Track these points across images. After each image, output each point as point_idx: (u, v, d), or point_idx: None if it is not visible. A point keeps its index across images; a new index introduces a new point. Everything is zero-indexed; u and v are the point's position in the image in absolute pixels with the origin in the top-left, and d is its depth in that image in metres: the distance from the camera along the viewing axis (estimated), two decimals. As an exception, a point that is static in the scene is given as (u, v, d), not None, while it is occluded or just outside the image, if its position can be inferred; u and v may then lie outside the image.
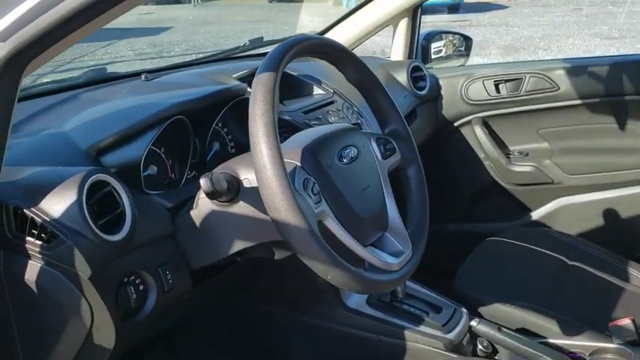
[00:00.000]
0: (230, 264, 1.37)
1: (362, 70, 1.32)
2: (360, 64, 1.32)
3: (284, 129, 1.61)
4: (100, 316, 1.13)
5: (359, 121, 1.82)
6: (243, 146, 1.55)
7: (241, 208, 1.17)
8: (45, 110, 1.60)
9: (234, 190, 1.16)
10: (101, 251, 1.11)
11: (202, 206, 1.22)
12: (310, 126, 1.68)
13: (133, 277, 1.19)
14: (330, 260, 1.05)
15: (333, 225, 1.12)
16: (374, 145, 1.32)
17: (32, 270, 1.11)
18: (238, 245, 1.22)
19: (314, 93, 1.90)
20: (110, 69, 2.04)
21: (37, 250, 1.10)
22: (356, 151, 1.24)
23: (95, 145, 1.27)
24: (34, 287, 1.12)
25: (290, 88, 1.88)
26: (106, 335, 1.16)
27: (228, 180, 1.17)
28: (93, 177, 1.13)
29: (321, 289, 1.69)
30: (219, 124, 1.54)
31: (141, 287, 1.21)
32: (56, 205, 1.09)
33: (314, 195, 1.10)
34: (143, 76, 1.78)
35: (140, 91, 1.69)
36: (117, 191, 1.17)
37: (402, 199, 1.35)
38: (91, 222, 1.09)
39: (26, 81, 1.10)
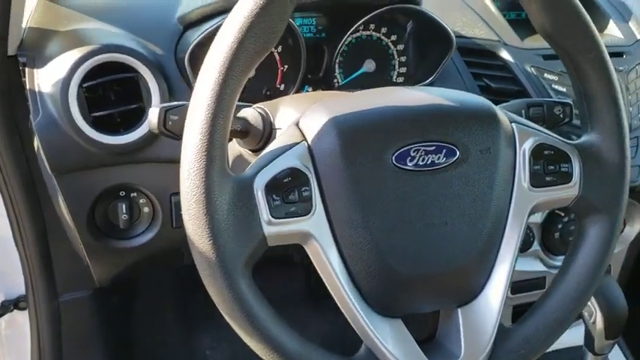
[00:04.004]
0: None
1: (559, 10, 0.70)
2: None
3: (494, 70, 1.06)
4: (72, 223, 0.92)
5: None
6: (420, 78, 1.05)
7: None
8: None
9: (258, 139, 0.77)
10: (77, 150, 0.86)
11: (233, 147, 0.86)
12: (539, 86, 1.06)
13: (134, 195, 0.93)
14: (247, 323, 0.62)
15: (320, 257, 0.66)
16: (524, 155, 0.72)
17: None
18: None
19: (606, 32, 1.20)
20: None
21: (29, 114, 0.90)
22: (455, 155, 0.68)
23: (183, 17, 0.97)
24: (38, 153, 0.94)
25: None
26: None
27: (253, 122, 0.77)
28: (102, 56, 0.85)
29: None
30: (388, 38, 1.06)
31: (145, 210, 0.94)
32: (49, 73, 0.87)
33: (287, 202, 0.63)
34: None
35: None
36: (145, 81, 0.89)
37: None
38: (74, 110, 0.84)
39: None
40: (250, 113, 0.79)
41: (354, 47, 1.05)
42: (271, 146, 0.67)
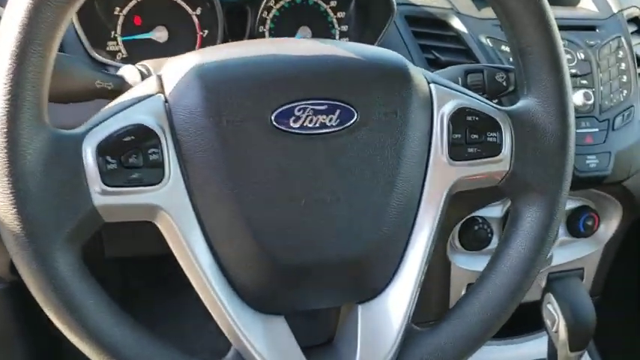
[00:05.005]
0: None
1: None
2: None
3: (446, 42, 0.94)
4: None
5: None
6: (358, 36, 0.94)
7: None
8: None
9: None
10: None
11: None
12: (495, 60, 0.94)
13: None
14: (67, 314, 0.50)
15: (176, 237, 0.53)
16: (442, 121, 0.59)
17: None
18: None
19: (579, 5, 1.07)
20: None
21: None
22: (353, 117, 0.56)
23: None
24: None
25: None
26: None
27: (130, 81, 0.65)
28: None
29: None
30: (327, 3, 0.94)
31: None
32: None
33: (127, 167, 0.51)
34: None
35: None
36: None
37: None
38: None
39: None
40: (128, 70, 0.67)
41: (287, 12, 0.93)
42: (119, 99, 0.55)
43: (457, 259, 1.01)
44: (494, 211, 1.01)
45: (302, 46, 0.59)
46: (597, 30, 1.00)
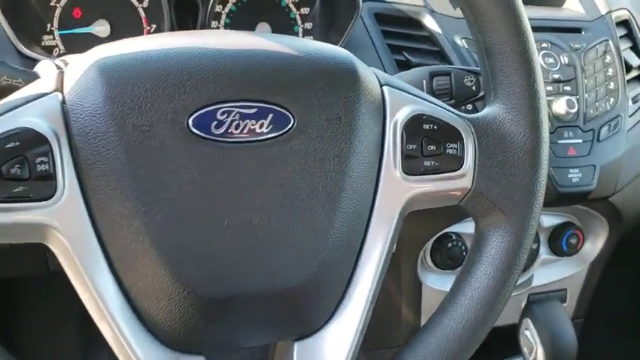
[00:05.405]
0: None
1: None
2: None
3: (418, 42, 0.87)
4: None
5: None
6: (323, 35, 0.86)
7: None
8: None
9: None
10: None
11: None
12: (469, 62, 0.86)
13: None
14: None
15: (72, 262, 0.45)
16: (395, 129, 0.51)
17: None
18: None
19: (564, 6, 1.00)
20: None
21: None
22: (289, 124, 0.48)
23: None
24: None
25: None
26: None
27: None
28: None
29: None
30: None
31: None
32: None
33: (8, 179, 0.43)
34: None
35: None
36: None
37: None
38: None
39: None
40: (45, 66, 0.58)
41: (245, 7, 0.85)
42: (9, 97, 0.47)
43: (429, 278, 0.94)
44: (469, 227, 0.93)
45: (230, 38, 0.51)
46: (583, 32, 0.93)
